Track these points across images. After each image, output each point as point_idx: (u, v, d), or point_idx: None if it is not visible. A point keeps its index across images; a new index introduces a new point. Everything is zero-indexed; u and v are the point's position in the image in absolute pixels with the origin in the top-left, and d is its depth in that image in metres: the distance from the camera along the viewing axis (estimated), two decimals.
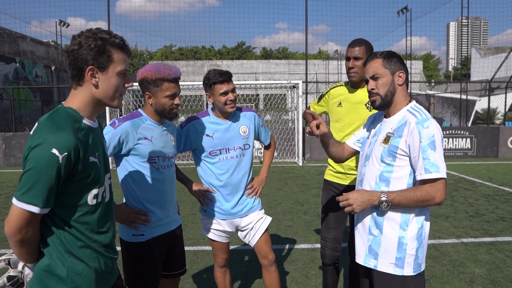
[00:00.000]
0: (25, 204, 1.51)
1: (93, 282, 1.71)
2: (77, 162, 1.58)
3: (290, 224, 6.14)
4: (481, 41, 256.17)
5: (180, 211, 2.85)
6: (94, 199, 1.69)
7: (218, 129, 2.90)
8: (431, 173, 1.94)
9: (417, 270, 2.06)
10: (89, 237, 1.70)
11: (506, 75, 22.99)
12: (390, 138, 2.07)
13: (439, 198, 1.96)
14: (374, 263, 2.11)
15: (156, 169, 2.49)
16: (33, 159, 1.50)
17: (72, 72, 1.65)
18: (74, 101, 1.67)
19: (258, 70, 48.19)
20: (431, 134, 1.96)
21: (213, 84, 2.79)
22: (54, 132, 1.52)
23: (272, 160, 3.26)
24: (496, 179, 9.77)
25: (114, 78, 1.67)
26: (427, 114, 2.04)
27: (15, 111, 16.02)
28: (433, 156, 1.94)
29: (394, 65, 2.11)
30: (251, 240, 3.04)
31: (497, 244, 5.17)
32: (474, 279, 4.13)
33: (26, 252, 1.62)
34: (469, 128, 14.15)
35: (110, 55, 1.65)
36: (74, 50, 1.62)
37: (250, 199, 3.01)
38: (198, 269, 4.46)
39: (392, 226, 2.06)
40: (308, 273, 4.29)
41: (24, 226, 1.53)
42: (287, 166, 12.08)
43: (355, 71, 3.00)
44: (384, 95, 2.10)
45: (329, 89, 3.30)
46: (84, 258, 1.69)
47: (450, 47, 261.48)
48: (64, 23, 31.04)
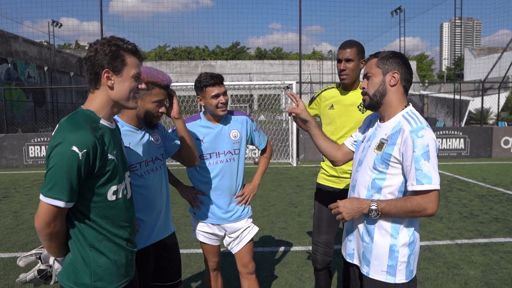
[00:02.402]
0: (51, 199, 1.64)
1: (115, 274, 1.84)
2: (95, 159, 1.69)
3: (284, 226, 6.10)
4: (474, 41, 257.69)
5: (173, 215, 2.77)
6: (114, 195, 1.81)
7: (209, 133, 2.85)
8: (423, 185, 1.88)
9: (409, 277, 2.02)
10: (110, 231, 1.81)
11: (499, 75, 23.12)
12: (383, 145, 2.02)
13: (430, 210, 1.90)
14: (367, 270, 2.07)
15: (139, 176, 2.39)
16: (55, 157, 1.63)
17: (90, 76, 1.79)
18: (92, 103, 1.81)
19: (252, 70, 48.18)
20: (425, 144, 1.90)
21: (204, 87, 2.75)
22: (73, 131, 1.65)
23: (267, 167, 3.20)
24: (490, 179, 9.79)
25: (128, 80, 1.81)
26: (423, 122, 1.98)
27: (7, 112, 15.88)
28: (426, 167, 1.88)
29: (389, 65, 2.05)
30: (234, 247, 3.00)
31: (491, 245, 5.16)
32: (468, 281, 4.11)
33: (55, 246, 1.75)
34: (463, 129, 14.18)
35: (124, 59, 1.79)
36: (91, 56, 1.77)
37: (240, 206, 2.96)
38: (191, 273, 4.40)
39: (383, 234, 2.02)
40: (302, 276, 4.25)
41: (52, 220, 1.66)
42: (281, 167, 12.04)
43: (346, 73, 2.97)
44: (372, 95, 2.06)
45: (321, 91, 3.26)
46: (106, 251, 1.80)
47: (444, 48, 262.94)
48: (57, 23, 30.82)
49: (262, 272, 4.37)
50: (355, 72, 2.97)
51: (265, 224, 6.17)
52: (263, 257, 4.84)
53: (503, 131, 14.06)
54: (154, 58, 63.70)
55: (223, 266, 4.39)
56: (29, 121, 23.28)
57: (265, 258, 4.81)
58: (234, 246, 2.99)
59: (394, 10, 28.99)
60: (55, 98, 29.10)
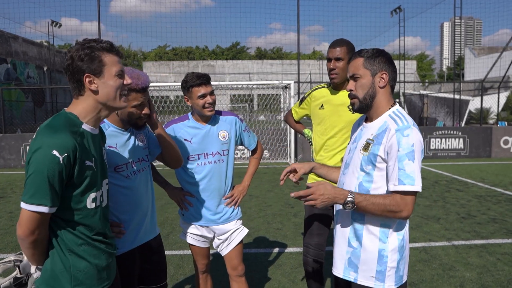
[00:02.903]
0: (34, 205, 1.59)
1: (95, 278, 1.81)
2: (75, 163, 1.66)
3: (279, 226, 6.05)
4: (474, 41, 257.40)
5: (165, 215, 2.72)
6: (93, 202, 1.78)
7: (197, 134, 2.81)
8: (405, 185, 1.81)
9: (399, 283, 1.96)
10: (89, 236, 1.78)
11: (500, 75, 23.03)
12: (370, 146, 1.94)
13: (406, 212, 1.83)
14: (354, 276, 2.00)
15: (125, 177, 2.35)
16: (35, 162, 1.59)
17: (73, 85, 1.75)
18: (76, 107, 1.77)
19: (252, 70, 48.13)
20: (411, 144, 1.83)
21: (190, 87, 2.70)
22: (52, 135, 1.62)
23: (257, 168, 3.15)
24: (489, 179, 9.73)
25: (112, 79, 1.76)
26: (409, 121, 1.91)
27: (6, 112, 15.84)
28: (410, 167, 1.81)
29: (377, 66, 1.96)
30: (223, 249, 2.95)
31: (488, 246, 5.11)
32: (464, 283, 4.06)
33: (38, 253, 1.71)
34: (462, 128, 14.12)
35: (101, 59, 1.74)
36: (68, 65, 1.74)
37: (229, 208, 2.91)
38: (183, 274, 4.36)
39: (371, 238, 1.95)
40: (295, 278, 4.20)
41: (37, 227, 1.62)
42: (279, 167, 11.99)
43: (336, 73, 2.93)
44: (362, 98, 1.97)
45: (311, 91, 3.22)
46: (85, 255, 1.77)
47: (444, 47, 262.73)
48: (56, 23, 30.78)
49: (255, 274, 4.32)
50: (345, 71, 2.92)
51: (260, 225, 6.13)
52: (257, 258, 4.79)
53: (503, 130, 14.00)
54: (154, 58, 63.67)
55: (216, 267, 4.34)
56: (28, 121, 23.26)
57: (259, 259, 4.76)
58: (223, 248, 2.95)
59: (393, 10, 28.92)
60: (54, 98, 29.08)
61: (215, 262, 4.56)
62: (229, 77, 44.75)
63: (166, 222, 6.23)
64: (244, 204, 7.44)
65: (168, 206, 7.02)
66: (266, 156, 13.24)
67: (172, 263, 4.64)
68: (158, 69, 47.81)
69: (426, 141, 13.61)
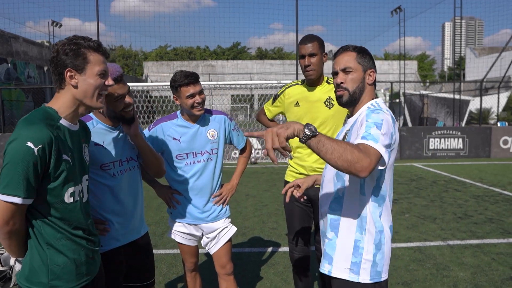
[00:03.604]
0: (8, 196, 1.60)
1: (73, 273, 1.80)
2: (51, 156, 1.66)
3: (274, 226, 6.02)
4: (476, 41, 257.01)
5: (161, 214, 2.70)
6: (71, 197, 1.78)
7: (185, 133, 2.79)
8: (368, 141, 1.66)
9: (376, 279, 1.92)
10: (68, 230, 1.78)
11: (500, 75, 22.96)
12: (346, 136, 1.97)
13: (361, 165, 1.57)
14: (329, 268, 1.97)
15: (112, 175, 2.31)
16: (9, 153, 1.61)
17: (54, 77, 1.79)
18: (56, 102, 1.80)
19: (253, 70, 48.11)
20: (380, 118, 1.77)
21: (179, 87, 2.68)
22: (27, 127, 1.63)
23: (246, 166, 3.14)
24: (487, 179, 9.69)
25: (92, 78, 1.78)
26: (383, 108, 1.90)
27: (6, 112, 15.84)
28: (375, 132, 1.69)
29: (367, 63, 2.00)
30: (212, 248, 2.94)
31: (484, 246, 5.08)
32: (457, 283, 4.03)
33: (15, 245, 1.72)
34: (461, 128, 14.09)
35: (86, 57, 1.77)
36: (53, 57, 1.77)
37: (217, 206, 2.90)
38: (176, 273, 4.34)
39: (348, 229, 1.93)
40: (287, 277, 4.18)
41: (11, 217, 1.62)
42: (277, 167, 11.96)
43: (312, 68, 2.92)
44: (352, 92, 1.97)
45: (284, 88, 3.21)
46: (64, 250, 1.77)
47: (445, 47, 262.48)
48: (57, 23, 30.82)
49: (247, 273, 4.30)
50: (320, 66, 2.95)
51: (255, 225, 6.11)
52: (250, 257, 4.77)
53: (502, 131, 13.96)
54: (155, 58, 63.65)
55: (207, 266, 4.33)
56: None
57: (252, 258, 4.74)
58: (211, 247, 2.93)
59: (394, 10, 28.89)
60: None
61: (207, 261, 4.54)
62: (229, 77, 44.72)
63: (161, 221, 6.21)
64: (240, 203, 7.43)
65: (164, 205, 6.99)
66: (265, 156, 13.19)
67: (165, 262, 4.63)
68: (158, 69, 47.84)
69: (425, 141, 13.58)
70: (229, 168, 6.56)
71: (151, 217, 6.39)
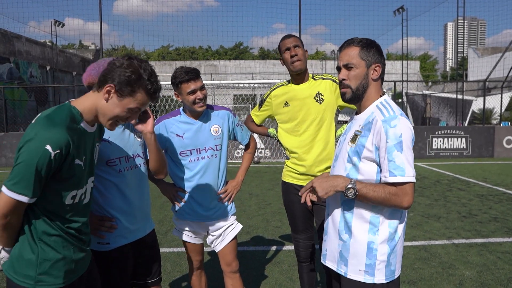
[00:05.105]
0: (15, 193, 1.60)
1: (62, 269, 1.78)
2: (65, 159, 1.66)
3: (278, 225, 6.01)
4: (478, 41, 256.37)
5: (165, 212, 2.68)
6: (72, 199, 1.77)
7: (189, 129, 2.76)
8: (396, 177, 1.78)
9: (390, 278, 1.91)
10: (62, 228, 1.77)
11: (503, 75, 22.91)
12: (357, 137, 1.91)
13: (406, 202, 1.79)
14: (344, 270, 1.96)
15: (118, 172, 2.29)
16: (26, 152, 1.58)
17: (100, 78, 1.77)
18: (84, 103, 1.78)
19: (255, 70, 48.04)
20: (398, 134, 1.79)
21: (179, 83, 2.65)
22: (48, 129, 1.60)
23: (251, 162, 3.12)
24: (491, 179, 9.66)
25: (122, 108, 1.76)
26: (396, 111, 1.87)
27: (9, 111, 15.87)
28: (399, 158, 1.78)
29: (372, 57, 1.92)
30: (217, 245, 2.92)
31: (489, 245, 5.06)
32: (463, 281, 4.01)
33: (7, 236, 1.71)
34: (465, 128, 14.04)
35: (135, 91, 1.75)
36: (114, 64, 1.76)
37: (223, 204, 2.88)
38: (180, 271, 4.33)
39: (361, 229, 1.91)
40: (293, 275, 4.16)
41: (10, 213, 1.63)
42: (280, 166, 11.95)
43: (298, 58, 2.92)
44: (355, 89, 1.93)
45: (269, 92, 3.19)
46: (55, 246, 1.76)
47: (448, 48, 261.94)
48: (59, 23, 30.85)
49: (252, 271, 4.29)
50: (305, 59, 2.95)
51: (259, 223, 6.10)
52: (255, 256, 4.76)
53: (506, 130, 13.92)
54: (157, 58, 63.69)
55: (212, 264, 4.32)
56: (31, 120, 23.16)
57: (257, 257, 4.73)
58: (217, 244, 2.92)
59: (396, 9, 28.81)
60: (57, 97, 29.07)
61: (212, 259, 4.54)
62: (232, 77, 44.67)
63: (165, 220, 6.21)
64: (244, 202, 7.42)
65: (168, 203, 6.99)
66: (268, 155, 13.22)
67: (170, 260, 4.62)
68: (161, 69, 47.80)
69: (428, 140, 13.55)
70: (232, 168, 6.55)
71: (154, 216, 6.38)
